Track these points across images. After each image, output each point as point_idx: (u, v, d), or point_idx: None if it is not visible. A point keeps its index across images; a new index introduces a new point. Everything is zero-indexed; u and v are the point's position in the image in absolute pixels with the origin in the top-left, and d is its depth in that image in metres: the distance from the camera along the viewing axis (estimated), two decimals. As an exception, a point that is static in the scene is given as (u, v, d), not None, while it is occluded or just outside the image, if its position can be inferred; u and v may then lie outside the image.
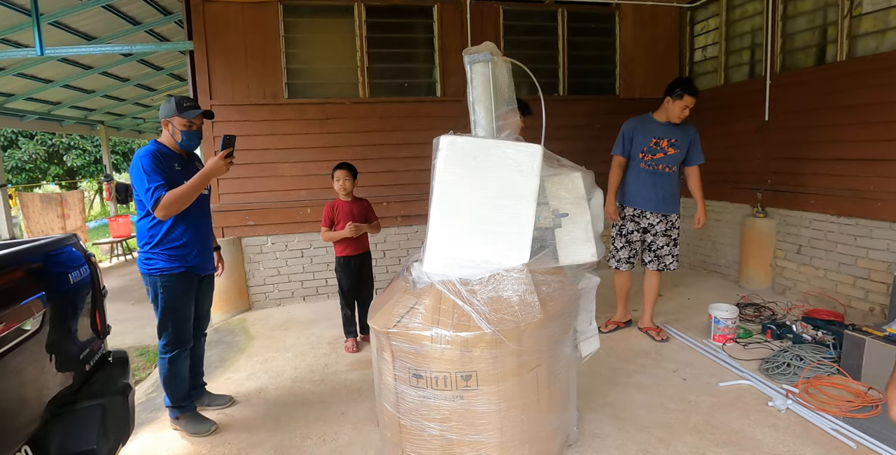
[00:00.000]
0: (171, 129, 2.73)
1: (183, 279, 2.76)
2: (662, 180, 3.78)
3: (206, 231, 2.95)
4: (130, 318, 5.23)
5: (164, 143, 2.76)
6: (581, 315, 2.27)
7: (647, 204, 3.80)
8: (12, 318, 1.69)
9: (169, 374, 2.80)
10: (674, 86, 3.62)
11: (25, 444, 1.79)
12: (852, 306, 4.16)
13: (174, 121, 2.70)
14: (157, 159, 2.61)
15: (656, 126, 3.74)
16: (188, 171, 2.72)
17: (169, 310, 2.73)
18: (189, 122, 2.70)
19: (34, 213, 9.07)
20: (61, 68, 7.44)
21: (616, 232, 3.94)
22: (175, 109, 2.68)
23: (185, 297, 2.79)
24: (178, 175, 2.67)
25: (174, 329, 2.76)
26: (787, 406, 2.81)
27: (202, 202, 2.89)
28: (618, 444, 2.52)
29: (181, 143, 2.74)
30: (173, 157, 2.74)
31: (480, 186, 1.95)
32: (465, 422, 1.83)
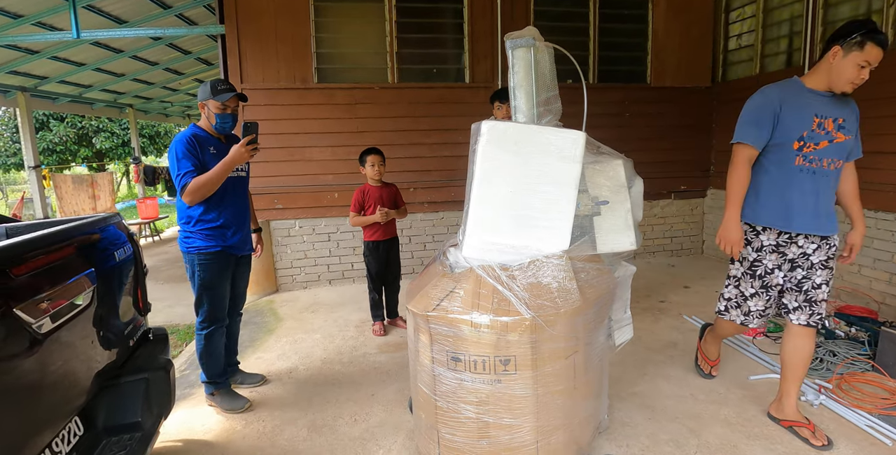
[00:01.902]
0: (207, 112, 2.78)
1: (219, 258, 2.81)
2: (824, 184, 2.41)
3: (244, 212, 2.98)
4: (160, 298, 5.35)
5: (202, 126, 2.82)
6: (616, 303, 2.26)
7: (802, 223, 2.39)
8: (66, 293, 1.74)
9: (205, 350, 2.87)
10: (848, 30, 2.28)
11: (76, 415, 1.86)
12: (887, 303, 4.07)
13: (209, 104, 2.75)
14: (191, 144, 2.66)
15: (815, 98, 2.41)
16: (224, 154, 2.74)
17: (205, 287, 2.80)
18: (223, 104, 2.72)
19: (67, 194, 9.28)
20: (93, 51, 7.55)
21: (742, 270, 2.60)
22: (209, 92, 2.73)
23: (221, 275, 2.84)
24: (212, 159, 2.71)
25: (209, 306, 2.83)
26: (821, 401, 2.77)
27: (239, 184, 2.93)
28: (648, 433, 2.53)
29: (216, 126, 2.78)
30: (210, 140, 2.78)
31: (521, 172, 1.94)
32: (502, 405, 1.85)
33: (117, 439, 2.04)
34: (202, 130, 2.80)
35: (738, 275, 2.65)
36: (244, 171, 2.97)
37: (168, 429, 2.70)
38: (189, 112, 15.57)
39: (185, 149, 2.65)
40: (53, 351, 1.67)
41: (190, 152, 2.65)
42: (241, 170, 2.93)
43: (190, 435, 2.69)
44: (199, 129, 2.80)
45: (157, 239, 9.38)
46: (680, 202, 6.13)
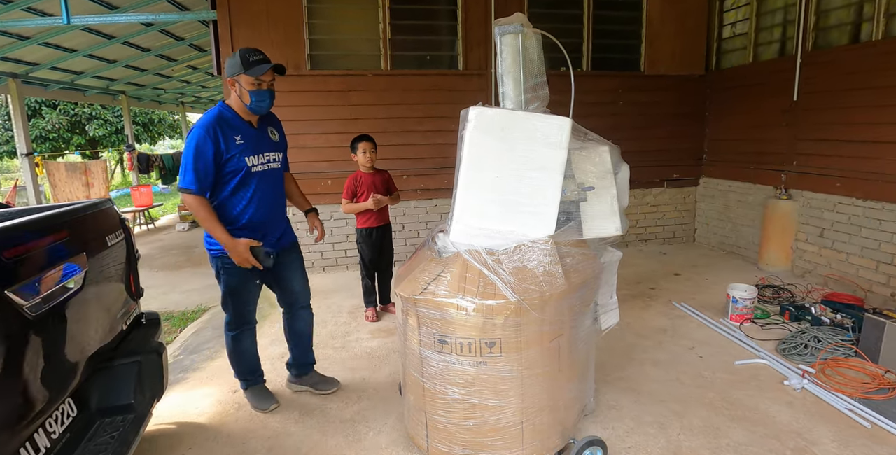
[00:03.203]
0: (238, 89, 2.34)
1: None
2: None
3: (276, 209, 2.62)
4: (154, 285, 5.37)
5: (232, 106, 2.41)
6: (602, 288, 2.30)
7: None
8: (58, 276, 1.76)
9: (232, 350, 2.71)
10: None
11: (69, 396, 1.89)
12: (873, 291, 4.13)
13: (241, 80, 2.31)
14: (210, 135, 2.28)
15: None
16: (253, 144, 2.41)
17: (228, 292, 2.55)
18: (257, 80, 2.30)
19: (60, 182, 9.24)
20: (84, 37, 7.47)
21: None
22: (240, 65, 2.28)
23: (246, 279, 2.55)
24: (236, 150, 2.35)
25: (234, 310, 2.60)
26: (803, 385, 2.83)
27: (269, 178, 2.53)
28: (633, 416, 2.58)
29: (251, 106, 2.37)
30: (237, 126, 2.39)
31: (508, 158, 1.96)
32: (488, 387, 1.89)
33: (110, 421, 2.08)
34: (231, 112, 2.39)
35: None
36: (277, 162, 2.56)
37: (161, 412, 2.74)
38: (182, 99, 15.46)
39: (199, 146, 2.26)
40: (46, 333, 1.69)
41: (203, 152, 2.27)
42: (274, 160, 2.54)
43: (183, 418, 2.73)
44: (228, 111, 2.39)
45: (152, 227, 9.38)
46: (672, 190, 6.16)
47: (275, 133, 2.61)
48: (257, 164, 2.45)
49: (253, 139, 2.43)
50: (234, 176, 2.41)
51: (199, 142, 2.28)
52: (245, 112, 2.42)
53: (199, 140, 2.28)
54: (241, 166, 2.39)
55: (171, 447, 2.47)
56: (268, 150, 2.51)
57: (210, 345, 3.66)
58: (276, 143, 2.59)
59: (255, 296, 2.68)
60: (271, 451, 2.41)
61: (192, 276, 5.88)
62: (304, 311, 2.87)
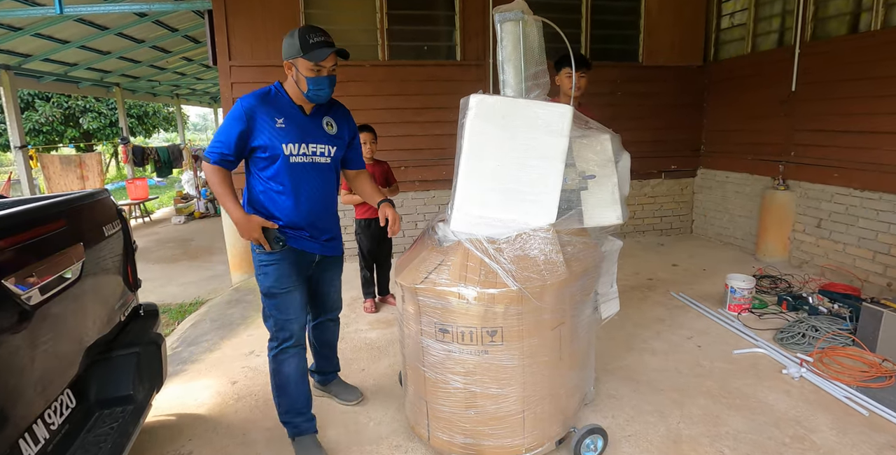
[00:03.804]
0: (295, 74, 2.09)
1: (286, 260, 2.20)
2: None
3: (322, 209, 2.29)
4: (151, 278, 5.35)
5: (287, 89, 2.18)
6: (603, 277, 2.30)
7: None
8: (55, 266, 1.75)
9: (273, 375, 2.32)
10: None
11: (67, 387, 1.88)
12: (870, 281, 4.15)
13: (298, 64, 2.06)
14: (248, 109, 2.07)
15: None
16: (297, 131, 2.13)
17: (266, 295, 2.24)
18: (317, 65, 2.03)
19: (54, 174, 9.18)
20: (77, 28, 7.39)
21: None
22: (298, 47, 2.02)
23: (286, 281, 2.21)
24: (273, 134, 2.09)
25: (273, 319, 2.27)
26: (801, 374, 2.84)
27: (317, 172, 2.23)
28: (633, 405, 2.59)
29: (308, 93, 2.10)
30: (284, 108, 2.14)
31: (509, 146, 1.94)
32: (489, 376, 1.89)
33: (109, 412, 2.07)
34: (283, 93, 2.16)
35: None
36: (326, 157, 2.23)
37: (161, 403, 2.73)
38: (177, 91, 15.33)
39: (230, 118, 2.09)
40: (43, 323, 1.68)
41: (231, 127, 2.08)
42: (322, 154, 2.21)
43: (183, 409, 2.72)
44: (281, 91, 2.16)
45: (148, 220, 9.33)
46: (670, 182, 6.16)
47: (332, 125, 2.27)
48: (297, 154, 2.14)
49: (299, 126, 2.14)
50: (268, 164, 2.15)
51: (232, 115, 2.10)
52: (300, 97, 2.15)
53: (233, 113, 2.10)
54: (276, 153, 2.11)
55: (171, 438, 2.46)
56: (317, 141, 2.19)
57: (208, 337, 3.65)
58: (330, 136, 2.24)
59: (299, 303, 2.27)
60: (271, 441, 2.41)
61: (188, 269, 5.86)
62: (333, 323, 2.66)
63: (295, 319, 2.26)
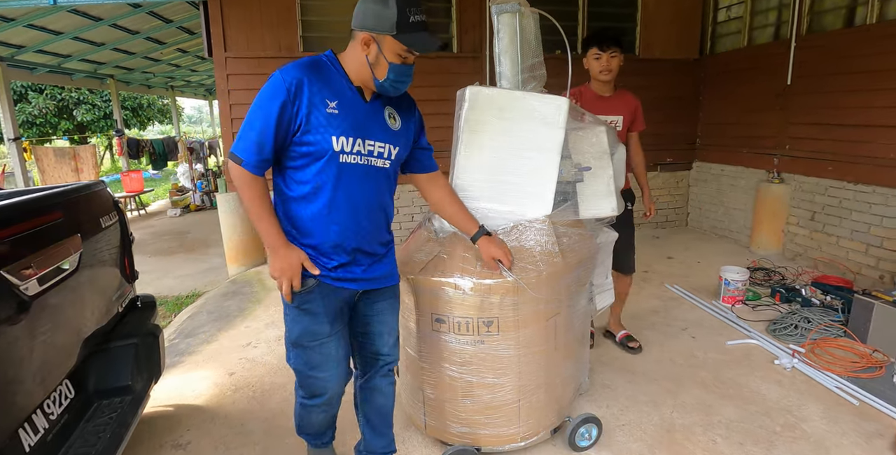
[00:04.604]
0: (373, 52, 1.55)
1: (321, 302, 1.67)
2: None
3: (372, 227, 1.72)
4: (148, 271, 5.35)
5: (346, 65, 1.61)
6: (598, 269, 2.32)
7: None
8: (53, 257, 1.75)
9: (298, 412, 1.94)
10: None
11: (66, 378, 1.90)
12: (862, 274, 4.19)
13: (384, 43, 1.53)
14: (290, 87, 1.50)
15: None
16: (352, 120, 1.59)
17: (293, 343, 1.72)
18: (407, 52, 1.55)
19: (49, 167, 9.13)
20: (71, 19, 7.32)
21: None
22: (393, 23, 1.50)
23: (321, 330, 1.69)
24: (323, 120, 1.54)
25: (300, 376, 1.78)
26: (793, 365, 2.88)
27: (370, 179, 1.67)
28: (627, 395, 2.62)
29: (383, 82, 1.58)
30: (338, 87, 1.59)
31: (505, 138, 1.95)
32: (485, 366, 1.91)
33: (108, 402, 2.08)
34: (340, 69, 1.61)
35: None
36: (385, 159, 1.68)
37: (159, 394, 2.75)
38: (172, 83, 15.23)
39: (265, 98, 1.51)
40: (41, 314, 1.68)
41: (268, 110, 1.50)
42: (381, 155, 1.66)
43: (181, 400, 2.74)
44: (336, 65, 1.61)
45: (143, 213, 9.31)
46: (666, 175, 6.18)
47: (395, 118, 1.71)
48: (350, 151, 1.59)
49: (355, 114, 1.60)
50: (308, 161, 1.58)
51: (270, 92, 1.51)
52: (362, 79, 1.61)
53: (270, 89, 1.51)
54: (323, 148, 1.56)
55: (170, 429, 2.48)
56: (376, 137, 1.64)
57: (205, 329, 3.66)
58: (392, 133, 1.69)
59: (336, 357, 1.75)
60: (269, 431, 2.43)
61: (185, 262, 5.86)
62: (386, 379, 1.93)
63: (330, 377, 1.74)
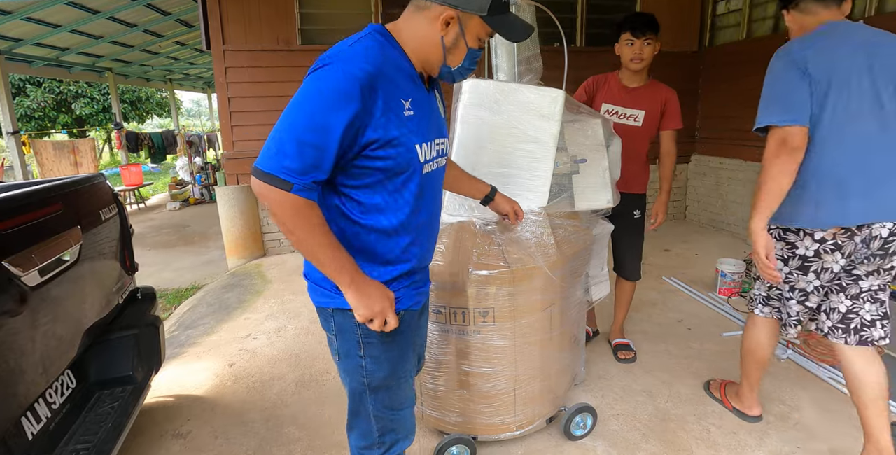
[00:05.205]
0: (453, 36, 1.25)
1: (404, 332, 1.42)
2: None
3: (437, 229, 1.53)
4: (148, 264, 5.37)
5: (407, 47, 1.28)
6: (593, 260, 2.34)
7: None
8: (53, 248, 1.77)
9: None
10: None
11: (67, 368, 1.92)
12: (858, 264, 4.20)
13: (469, 23, 1.25)
14: (364, 91, 1.13)
15: None
16: (425, 119, 1.30)
17: (371, 387, 1.39)
18: (489, 36, 1.32)
19: (47, 160, 9.14)
20: (69, 12, 7.31)
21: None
22: (487, 1, 1.22)
23: (407, 361, 1.45)
24: (402, 128, 1.22)
25: (381, 421, 1.43)
26: (787, 356, 2.91)
27: (438, 186, 1.44)
28: (623, 385, 2.65)
29: (455, 71, 1.32)
30: (409, 78, 1.27)
31: (501, 130, 1.97)
32: (481, 356, 1.93)
33: (110, 392, 2.11)
34: (402, 55, 1.27)
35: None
36: (444, 157, 1.44)
37: (159, 385, 2.78)
38: (171, 76, 15.20)
39: (327, 106, 1.11)
40: (42, 304, 1.71)
41: (330, 121, 1.12)
42: (442, 153, 1.41)
43: (181, 391, 2.77)
44: (397, 47, 1.27)
45: (142, 206, 9.32)
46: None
47: (441, 103, 1.48)
48: (429, 158, 1.33)
49: (424, 110, 1.30)
50: (382, 177, 1.25)
51: (333, 96, 1.12)
52: (427, 63, 1.31)
53: (333, 93, 1.12)
54: (405, 161, 1.25)
55: (170, 419, 2.51)
56: (440, 133, 1.40)
57: (205, 321, 3.69)
58: (444, 123, 1.47)
59: (412, 383, 1.52)
60: (269, 421, 2.46)
61: (184, 255, 5.88)
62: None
63: (410, 406, 1.49)
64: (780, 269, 1.92)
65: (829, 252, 1.82)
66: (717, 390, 2.52)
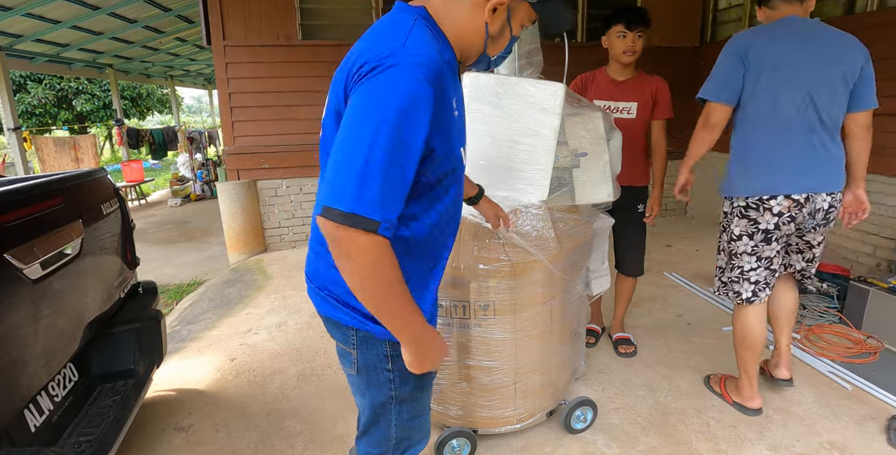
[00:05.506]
0: (500, 23, 1.14)
1: None
2: None
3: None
4: (149, 259, 5.38)
5: (446, 33, 1.13)
6: (594, 254, 2.34)
7: None
8: (55, 242, 1.78)
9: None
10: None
11: (69, 361, 1.93)
12: (859, 262, 4.21)
13: (518, 10, 1.16)
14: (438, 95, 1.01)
15: None
16: (462, 112, 1.21)
17: (398, 399, 1.28)
18: (530, 23, 1.22)
19: (49, 157, 9.15)
20: (69, 8, 7.30)
21: None
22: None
23: (429, 383, 1.36)
24: (454, 130, 1.12)
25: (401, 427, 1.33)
26: (788, 350, 2.91)
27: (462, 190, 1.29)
28: (623, 379, 2.65)
29: (491, 59, 1.23)
30: (453, 76, 1.12)
31: (501, 124, 1.97)
32: (482, 349, 1.94)
33: (112, 386, 2.13)
34: (447, 45, 1.12)
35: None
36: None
37: (161, 379, 2.79)
38: (171, 72, 15.18)
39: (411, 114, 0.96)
40: (44, 297, 1.71)
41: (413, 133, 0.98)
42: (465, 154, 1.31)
43: (183, 385, 2.78)
44: (443, 40, 1.12)
45: (144, 202, 9.33)
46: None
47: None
48: (465, 162, 1.26)
49: (461, 108, 1.21)
50: (428, 191, 1.13)
51: (408, 107, 0.96)
52: (466, 51, 1.18)
53: (407, 102, 0.96)
54: (451, 169, 1.16)
55: (172, 412, 2.52)
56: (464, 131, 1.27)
57: (206, 316, 3.70)
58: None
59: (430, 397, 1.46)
60: (270, 414, 2.47)
61: (185, 250, 5.89)
62: None
63: (429, 411, 1.43)
64: (747, 243, 2.18)
65: (786, 223, 2.10)
66: (717, 384, 2.54)
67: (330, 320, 1.25)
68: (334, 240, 0.97)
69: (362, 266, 0.98)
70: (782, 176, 2.03)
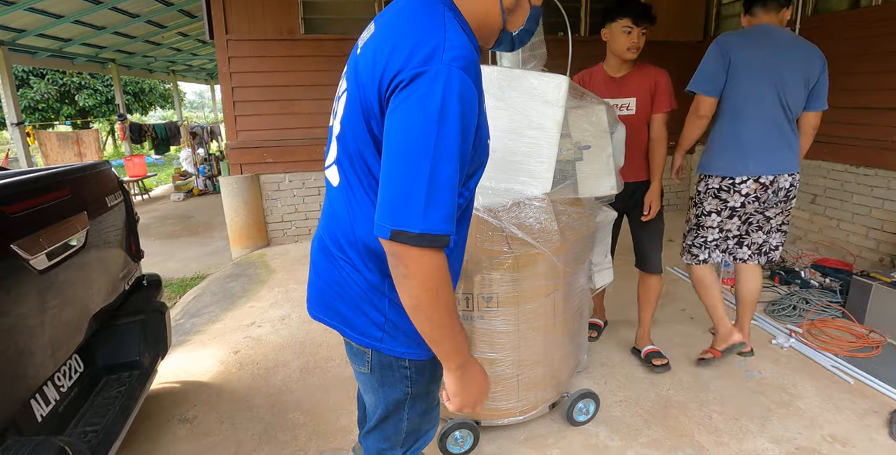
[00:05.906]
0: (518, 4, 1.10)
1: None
2: None
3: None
4: (152, 253, 5.40)
5: (470, 20, 1.07)
6: (597, 247, 2.34)
7: None
8: (61, 233, 1.79)
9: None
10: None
11: (75, 353, 1.94)
12: (862, 256, 4.20)
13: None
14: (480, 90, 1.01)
15: None
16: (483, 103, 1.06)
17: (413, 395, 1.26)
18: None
19: (52, 151, 9.17)
20: (71, 2, 7.30)
21: None
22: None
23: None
24: (484, 116, 1.07)
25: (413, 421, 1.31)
26: (790, 344, 2.91)
27: None
28: (625, 373, 2.66)
29: (512, 36, 1.17)
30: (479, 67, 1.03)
31: (505, 116, 1.97)
32: (485, 340, 1.94)
33: (117, 377, 2.14)
34: (472, 34, 1.07)
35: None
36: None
37: (165, 372, 2.80)
38: (173, 67, 15.17)
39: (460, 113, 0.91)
40: (50, 288, 1.72)
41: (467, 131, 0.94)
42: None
43: (187, 377, 2.79)
44: (472, 34, 1.07)
45: (146, 197, 9.35)
46: (668, 157, 6.16)
47: None
48: None
49: (483, 100, 1.07)
50: (469, 181, 1.11)
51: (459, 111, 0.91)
52: (484, 35, 1.13)
53: (459, 105, 0.91)
54: (485, 157, 1.14)
55: (176, 404, 2.54)
56: None
57: (210, 309, 3.71)
58: None
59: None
60: (274, 406, 2.48)
61: (188, 245, 5.91)
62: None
63: (439, 403, 1.39)
64: (714, 219, 2.56)
65: (751, 202, 2.47)
66: (705, 354, 2.72)
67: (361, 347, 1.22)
68: (400, 259, 0.93)
69: (439, 286, 0.96)
70: (752, 159, 2.38)
